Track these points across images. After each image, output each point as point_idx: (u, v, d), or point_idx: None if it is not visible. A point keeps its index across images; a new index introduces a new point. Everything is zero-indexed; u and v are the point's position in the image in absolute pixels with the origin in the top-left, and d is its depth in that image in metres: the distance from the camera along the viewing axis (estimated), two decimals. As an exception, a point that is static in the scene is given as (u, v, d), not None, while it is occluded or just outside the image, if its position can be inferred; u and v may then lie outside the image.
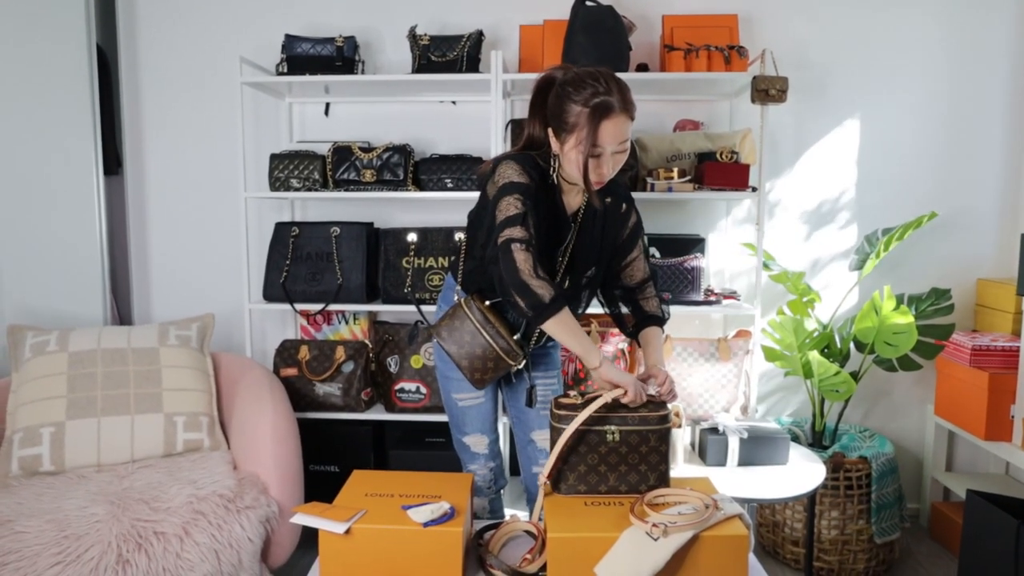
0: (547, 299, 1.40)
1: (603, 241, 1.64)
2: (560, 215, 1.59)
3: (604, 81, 1.44)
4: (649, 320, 1.70)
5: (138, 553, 1.60)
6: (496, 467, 1.84)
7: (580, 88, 1.44)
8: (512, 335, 1.58)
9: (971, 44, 2.58)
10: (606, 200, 1.64)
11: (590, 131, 1.42)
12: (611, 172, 1.50)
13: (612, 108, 1.42)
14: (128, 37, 2.73)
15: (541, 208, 1.53)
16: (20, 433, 1.95)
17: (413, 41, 2.42)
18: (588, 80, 1.44)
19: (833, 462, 2.28)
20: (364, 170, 2.42)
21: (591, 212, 1.62)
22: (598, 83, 1.43)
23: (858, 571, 2.31)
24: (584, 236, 1.62)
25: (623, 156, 1.50)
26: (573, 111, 1.44)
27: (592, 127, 1.42)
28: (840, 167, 2.66)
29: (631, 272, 1.71)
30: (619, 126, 1.44)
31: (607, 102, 1.42)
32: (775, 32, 2.61)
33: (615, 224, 1.66)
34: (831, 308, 2.65)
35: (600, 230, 1.63)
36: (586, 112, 1.42)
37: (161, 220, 2.81)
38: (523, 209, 1.45)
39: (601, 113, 1.42)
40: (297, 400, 2.41)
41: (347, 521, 1.28)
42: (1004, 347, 2.31)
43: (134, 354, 2.11)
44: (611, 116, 1.42)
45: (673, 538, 1.21)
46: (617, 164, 1.50)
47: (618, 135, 1.45)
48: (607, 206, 1.64)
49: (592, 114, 1.42)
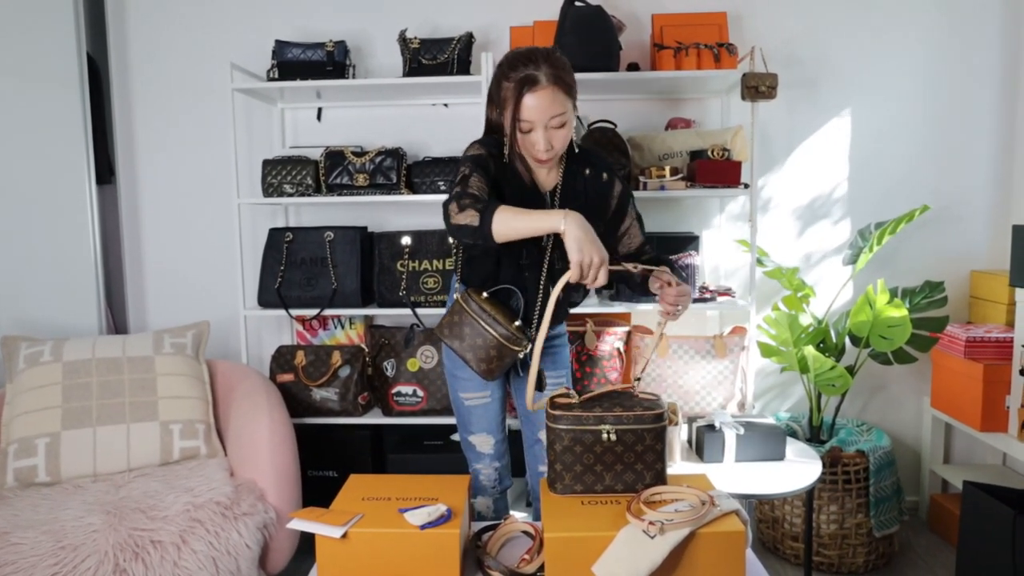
0: (478, 218, 1.39)
1: (589, 215, 1.59)
2: (533, 193, 1.60)
3: (536, 57, 1.46)
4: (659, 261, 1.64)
5: (135, 562, 1.60)
6: (502, 467, 1.84)
7: (513, 65, 1.47)
8: (512, 323, 1.58)
9: (961, 37, 2.59)
10: (585, 172, 1.63)
11: (515, 105, 1.45)
12: (550, 148, 1.49)
13: (536, 81, 1.44)
14: (118, 45, 2.73)
15: (506, 187, 1.57)
16: (15, 444, 1.94)
17: (403, 44, 2.42)
18: (521, 58, 1.47)
19: (831, 456, 2.29)
20: (357, 174, 2.42)
21: (570, 188, 1.62)
22: (529, 59, 1.45)
23: (858, 565, 2.32)
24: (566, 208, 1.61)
25: (563, 132, 1.50)
26: (504, 87, 1.48)
27: (516, 100, 1.45)
28: (832, 162, 2.67)
29: (628, 241, 1.70)
30: (545, 99, 1.44)
31: (531, 75, 1.44)
32: (764, 29, 2.61)
33: (599, 196, 1.65)
34: (826, 303, 2.66)
35: (583, 205, 1.61)
36: (511, 87, 1.45)
37: (155, 228, 2.81)
38: (466, 171, 1.49)
39: (524, 86, 1.44)
40: (294, 406, 2.41)
41: (344, 525, 1.28)
42: (998, 338, 2.32)
43: (129, 363, 2.11)
44: (535, 89, 1.44)
45: (670, 535, 1.21)
46: (556, 140, 1.50)
47: (546, 109, 1.45)
48: (587, 179, 1.63)
49: (516, 88, 1.45)
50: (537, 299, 1.63)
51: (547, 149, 1.50)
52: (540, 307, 1.63)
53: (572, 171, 1.64)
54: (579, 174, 1.63)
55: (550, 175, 1.63)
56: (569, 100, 1.50)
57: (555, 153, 1.52)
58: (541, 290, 1.62)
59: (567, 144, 1.55)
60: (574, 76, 1.53)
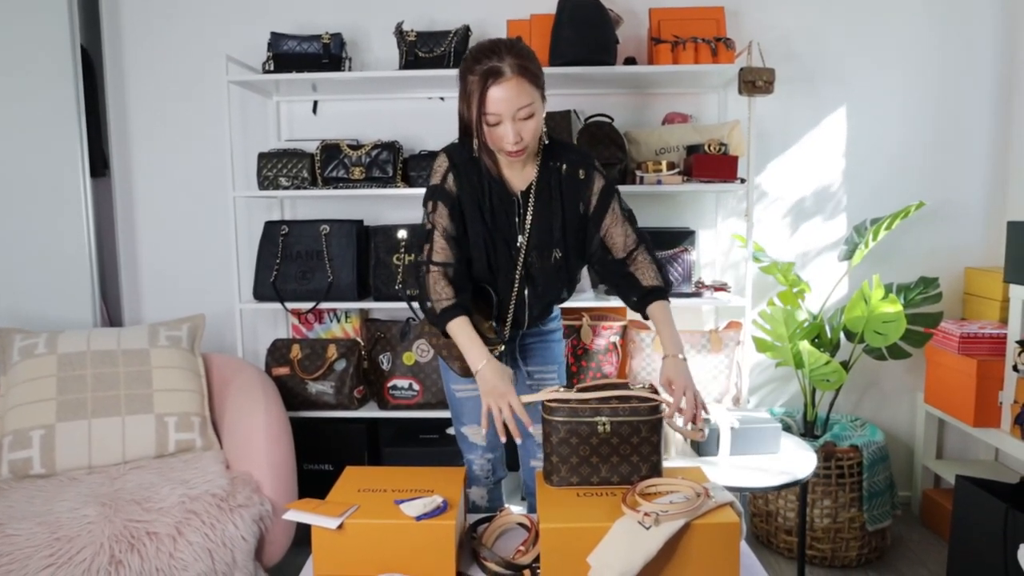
0: (436, 318, 1.53)
1: (566, 215, 1.59)
2: (502, 197, 1.57)
3: (499, 49, 1.43)
4: (650, 295, 1.60)
5: (131, 554, 1.60)
6: (495, 458, 1.84)
7: (476, 58, 1.44)
8: (486, 321, 1.59)
9: (958, 33, 2.60)
10: (561, 168, 1.59)
11: (479, 97, 1.43)
12: (519, 140, 1.46)
13: (501, 73, 1.41)
14: (112, 38, 2.72)
15: (475, 195, 1.56)
16: (10, 436, 1.93)
17: (400, 37, 2.41)
18: (484, 50, 1.44)
19: (824, 451, 2.30)
20: (353, 167, 2.41)
21: (543, 188, 1.59)
22: (493, 51, 1.43)
23: (851, 558, 2.33)
24: (542, 210, 1.58)
25: (532, 123, 1.46)
26: (469, 81, 1.45)
27: (481, 94, 1.42)
28: (828, 158, 2.68)
29: (612, 242, 1.62)
30: (510, 91, 1.41)
31: (495, 67, 1.41)
32: (761, 24, 2.61)
33: (576, 193, 1.59)
34: (821, 298, 2.67)
35: (559, 203, 1.58)
36: (476, 80, 1.43)
37: (149, 221, 2.80)
38: (430, 224, 1.56)
39: (487, 78, 1.41)
40: (290, 399, 2.41)
41: (340, 516, 1.28)
42: (992, 334, 2.33)
43: (124, 355, 2.10)
44: (499, 81, 1.41)
45: (665, 527, 1.21)
46: (525, 131, 1.46)
47: (512, 101, 1.42)
48: (563, 175, 1.59)
49: (480, 81, 1.42)
50: (511, 299, 1.62)
51: (516, 141, 1.46)
52: (514, 307, 1.62)
53: (547, 168, 1.59)
54: (554, 171, 1.59)
55: (524, 172, 1.59)
56: (536, 90, 1.46)
57: (524, 145, 1.47)
58: (515, 290, 1.61)
59: (537, 136, 1.51)
60: (540, 66, 1.49)
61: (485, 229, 1.58)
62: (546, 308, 1.70)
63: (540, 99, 1.48)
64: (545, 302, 1.68)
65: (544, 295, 1.65)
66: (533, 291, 1.63)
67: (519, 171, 1.59)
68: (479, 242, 1.58)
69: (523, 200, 1.59)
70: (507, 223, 1.59)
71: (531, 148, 1.51)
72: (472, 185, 1.57)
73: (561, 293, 1.69)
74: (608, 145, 2.41)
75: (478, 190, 1.57)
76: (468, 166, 1.57)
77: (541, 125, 1.50)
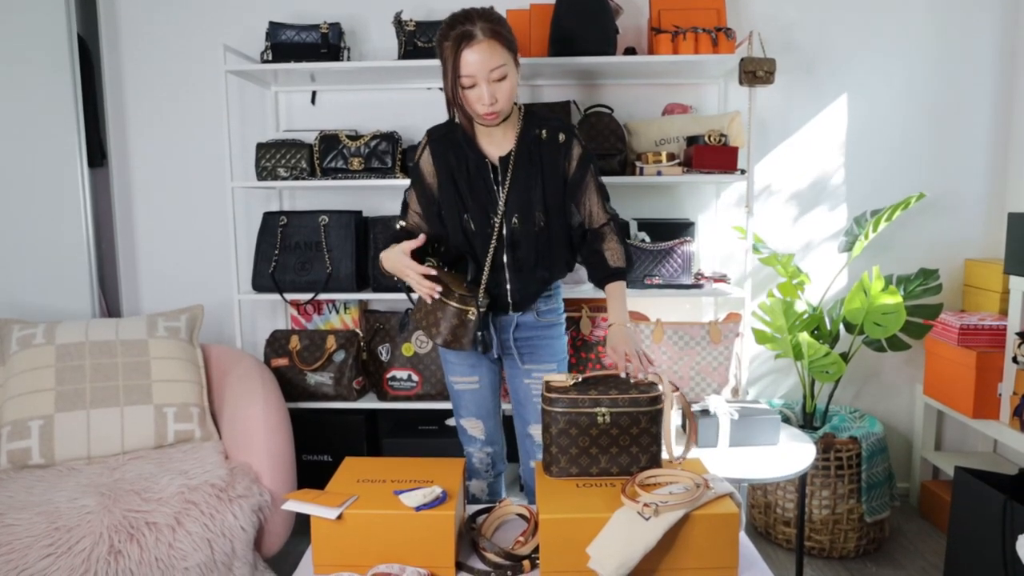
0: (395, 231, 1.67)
1: (545, 180, 1.63)
2: (479, 166, 1.62)
3: (471, 15, 1.49)
4: (613, 276, 1.68)
5: (130, 543, 1.60)
6: (494, 452, 1.84)
7: (451, 24, 1.50)
8: (461, 284, 1.62)
9: (958, 24, 2.58)
10: (541, 134, 1.63)
11: (454, 61, 1.48)
12: (494, 102, 1.51)
13: (472, 36, 1.47)
14: (109, 27, 2.70)
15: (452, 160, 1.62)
16: (8, 427, 1.93)
17: (399, 27, 2.39)
18: (458, 17, 1.50)
19: (824, 443, 2.30)
20: (352, 158, 2.40)
21: (523, 155, 1.62)
22: (466, 18, 1.49)
23: (849, 550, 2.34)
24: (522, 175, 1.62)
25: (506, 84, 1.51)
26: (443, 47, 1.50)
27: (455, 57, 1.48)
28: (829, 149, 2.67)
29: (588, 210, 1.68)
30: (483, 52, 1.47)
31: (466, 31, 1.47)
32: (762, 14, 2.60)
33: (555, 159, 1.63)
34: (820, 290, 2.67)
35: (539, 168, 1.62)
36: (450, 45, 1.48)
37: (148, 212, 2.79)
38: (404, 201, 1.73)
39: (460, 41, 1.47)
40: (289, 390, 2.41)
41: (339, 507, 1.28)
42: (991, 326, 2.33)
43: (122, 346, 2.10)
44: (472, 44, 1.47)
45: (664, 517, 1.21)
46: (500, 93, 1.51)
47: (486, 62, 1.48)
48: (542, 142, 1.63)
49: (454, 45, 1.48)
50: (486, 264, 1.64)
51: (491, 103, 1.51)
52: (491, 273, 1.64)
53: (526, 135, 1.63)
54: (534, 138, 1.63)
55: (504, 140, 1.63)
56: (509, 53, 1.52)
57: (499, 107, 1.52)
58: (491, 255, 1.63)
59: (511, 99, 1.55)
60: (512, 32, 1.55)
61: (458, 197, 1.63)
62: (529, 286, 1.68)
63: (513, 62, 1.54)
64: (528, 277, 1.67)
65: (525, 264, 1.65)
66: (513, 257, 1.65)
67: (499, 139, 1.64)
68: (453, 212, 1.64)
69: (502, 166, 1.62)
70: (484, 189, 1.62)
71: (505, 111, 1.55)
72: (447, 155, 1.63)
73: (545, 272, 1.68)
74: (608, 136, 2.40)
75: (453, 159, 1.63)
76: (445, 139, 1.64)
77: (515, 89, 1.55)
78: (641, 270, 2.38)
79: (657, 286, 2.38)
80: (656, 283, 2.38)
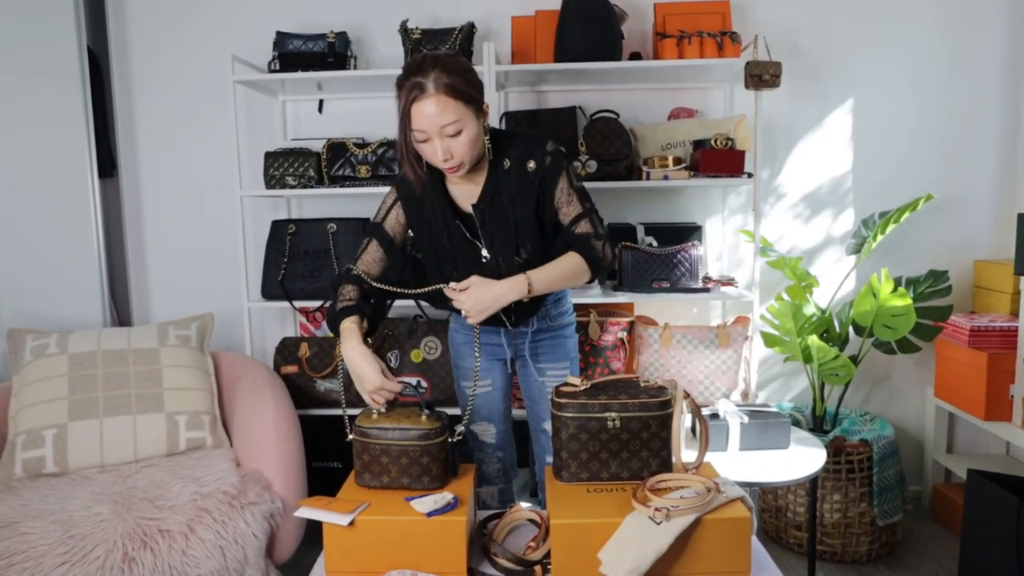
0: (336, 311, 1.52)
1: (519, 213, 1.54)
2: (451, 213, 1.56)
3: (425, 65, 1.39)
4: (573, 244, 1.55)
5: (144, 551, 1.61)
6: (505, 457, 1.84)
7: (405, 74, 1.41)
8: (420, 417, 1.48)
9: (965, 26, 2.58)
10: (505, 166, 1.54)
11: (404, 115, 1.41)
12: (449, 157, 1.42)
13: (423, 90, 1.37)
14: (119, 39, 2.73)
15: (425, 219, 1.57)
16: (23, 436, 1.95)
17: (405, 35, 2.41)
18: (412, 66, 1.40)
19: (834, 446, 2.29)
20: (359, 166, 2.42)
21: (494, 194, 1.54)
22: (420, 68, 1.39)
23: (861, 553, 2.32)
24: (496, 220, 1.55)
25: (461, 140, 1.41)
26: (398, 96, 1.42)
27: (405, 111, 1.40)
28: (836, 151, 2.66)
29: (565, 211, 1.57)
30: (432, 107, 1.37)
31: (417, 83, 1.37)
32: (767, 17, 2.60)
33: (527, 187, 1.53)
34: (829, 292, 2.66)
35: (512, 204, 1.54)
36: (402, 95, 1.41)
37: (157, 221, 2.81)
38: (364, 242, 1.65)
39: (409, 96, 1.39)
40: (298, 397, 2.42)
41: (351, 513, 1.29)
42: (1003, 327, 2.32)
43: (134, 355, 2.11)
44: (421, 98, 1.37)
45: (676, 522, 1.21)
46: (455, 149, 1.42)
47: (435, 117, 1.38)
48: (510, 177, 1.53)
49: (404, 98, 1.40)
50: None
51: (446, 159, 1.43)
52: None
53: (495, 174, 1.54)
54: (501, 174, 1.53)
55: (473, 185, 1.55)
56: (465, 106, 1.40)
57: (457, 163, 1.44)
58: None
59: (474, 152, 1.45)
60: (474, 81, 1.44)
61: (437, 249, 1.59)
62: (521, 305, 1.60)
63: (472, 115, 1.43)
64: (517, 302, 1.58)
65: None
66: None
67: (469, 186, 1.56)
68: (433, 262, 1.61)
69: (477, 216, 1.55)
70: (462, 238, 1.57)
71: (467, 163, 1.46)
72: (421, 207, 1.58)
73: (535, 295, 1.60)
74: (614, 141, 2.40)
75: (429, 210, 1.57)
76: (414, 198, 1.57)
77: (476, 140, 1.45)
78: (649, 274, 2.38)
79: (665, 290, 2.38)
80: (664, 287, 2.38)
